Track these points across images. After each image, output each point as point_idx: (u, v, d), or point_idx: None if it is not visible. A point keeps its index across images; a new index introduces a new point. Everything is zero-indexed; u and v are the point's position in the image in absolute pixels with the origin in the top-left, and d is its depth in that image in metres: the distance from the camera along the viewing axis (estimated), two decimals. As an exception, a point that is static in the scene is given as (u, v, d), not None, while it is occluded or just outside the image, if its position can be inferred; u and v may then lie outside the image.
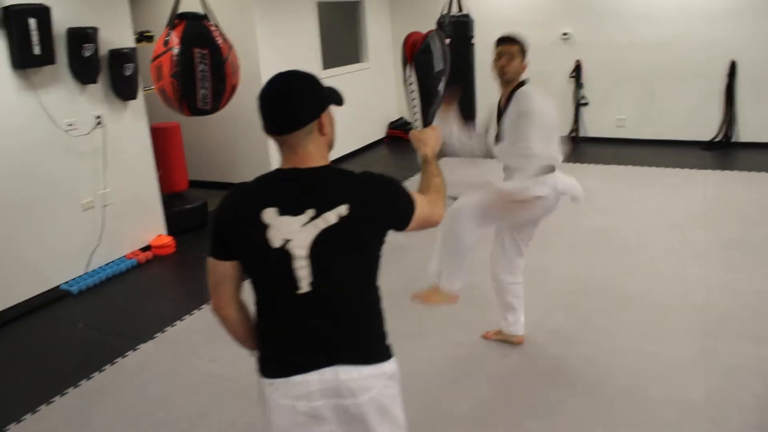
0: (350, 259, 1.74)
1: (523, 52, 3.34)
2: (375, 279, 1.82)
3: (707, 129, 8.06)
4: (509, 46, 3.33)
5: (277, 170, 1.77)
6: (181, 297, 4.93)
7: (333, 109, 1.80)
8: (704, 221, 5.52)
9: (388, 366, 1.80)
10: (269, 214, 1.68)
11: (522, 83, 3.32)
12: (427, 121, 2.28)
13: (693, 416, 3.05)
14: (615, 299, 4.26)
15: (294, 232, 1.68)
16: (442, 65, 2.28)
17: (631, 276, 4.58)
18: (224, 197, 1.78)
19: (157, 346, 4.07)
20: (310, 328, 1.74)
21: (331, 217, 1.68)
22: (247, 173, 7.30)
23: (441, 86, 2.29)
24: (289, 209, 1.68)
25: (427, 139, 2.21)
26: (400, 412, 1.85)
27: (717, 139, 8.00)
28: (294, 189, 1.72)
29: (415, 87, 2.25)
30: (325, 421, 1.75)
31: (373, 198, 1.75)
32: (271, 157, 6.97)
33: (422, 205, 1.89)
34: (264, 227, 1.68)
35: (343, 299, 1.75)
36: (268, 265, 1.71)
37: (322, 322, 1.73)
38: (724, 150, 7.87)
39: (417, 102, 2.25)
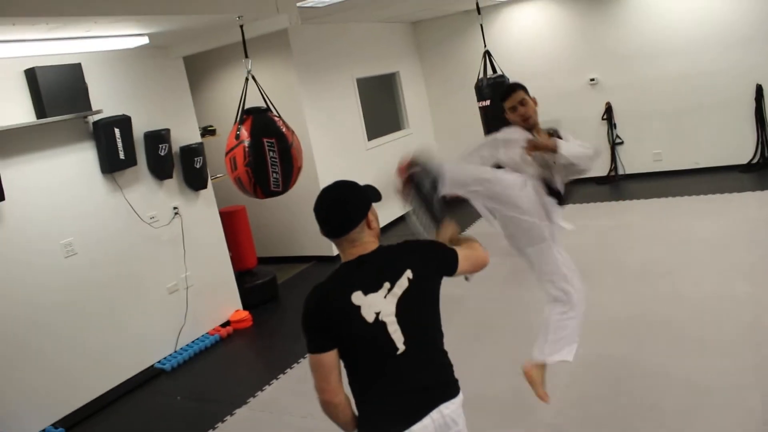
0: (425, 311, 2.16)
1: (527, 91, 3.45)
2: (440, 324, 2.23)
3: (743, 152, 8.28)
4: (517, 93, 3.42)
5: (347, 263, 2.13)
6: (265, 365, 5.33)
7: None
8: (747, 241, 5.75)
9: (461, 394, 2.19)
10: (357, 297, 2.04)
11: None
12: (438, 224, 2.69)
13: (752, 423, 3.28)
14: (667, 325, 4.50)
15: (380, 304, 2.05)
16: (429, 183, 2.74)
17: (680, 300, 4.83)
18: (309, 301, 2.09)
19: (251, 410, 4.46)
20: (414, 379, 2.09)
21: (404, 282, 2.08)
22: (308, 246, 7.88)
23: (438, 195, 2.75)
24: (371, 288, 2.06)
25: (443, 234, 2.62)
26: None
27: (754, 161, 8.22)
28: (368, 271, 2.09)
29: (419, 213, 2.74)
30: None
31: (425, 255, 2.20)
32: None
33: (461, 250, 2.32)
34: (357, 308, 2.03)
35: (430, 347, 2.16)
36: (369, 339, 2.05)
37: (421, 371, 2.11)
38: (761, 171, 8.07)
39: (425, 219, 2.71)
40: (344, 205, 2.13)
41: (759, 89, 8.02)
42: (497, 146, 3.41)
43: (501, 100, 3.45)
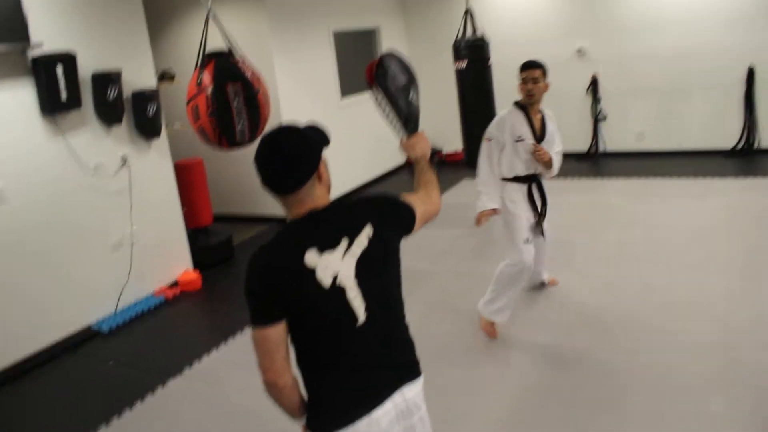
0: (387, 276, 1.85)
1: (544, 74, 3.90)
2: (402, 293, 1.94)
3: (728, 137, 7.99)
4: (533, 70, 3.87)
5: (296, 220, 1.80)
6: (208, 331, 5.00)
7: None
8: (726, 230, 5.48)
9: (423, 375, 1.92)
10: (312, 257, 1.73)
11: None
12: (409, 130, 2.30)
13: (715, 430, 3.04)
14: (636, 313, 4.25)
15: (338, 265, 1.74)
16: (405, 78, 2.32)
17: (652, 288, 4.57)
18: (254, 262, 1.77)
19: (186, 380, 4.14)
20: (375, 356, 1.81)
21: (363, 239, 1.79)
22: (270, 204, 7.47)
23: (412, 95, 2.33)
24: (327, 245, 1.75)
25: (414, 144, 2.26)
26: None
27: (739, 147, 7.94)
28: (322, 227, 1.78)
29: (385, 104, 2.30)
30: None
31: (385, 212, 1.89)
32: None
33: (418, 205, 2.01)
34: (311, 271, 1.72)
35: (392, 319, 1.86)
36: (326, 307, 1.74)
37: (384, 347, 1.82)
38: (746, 157, 7.80)
39: (393, 116, 2.31)
40: (292, 160, 1.75)
41: (750, 72, 7.70)
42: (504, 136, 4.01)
43: (520, 69, 3.92)
